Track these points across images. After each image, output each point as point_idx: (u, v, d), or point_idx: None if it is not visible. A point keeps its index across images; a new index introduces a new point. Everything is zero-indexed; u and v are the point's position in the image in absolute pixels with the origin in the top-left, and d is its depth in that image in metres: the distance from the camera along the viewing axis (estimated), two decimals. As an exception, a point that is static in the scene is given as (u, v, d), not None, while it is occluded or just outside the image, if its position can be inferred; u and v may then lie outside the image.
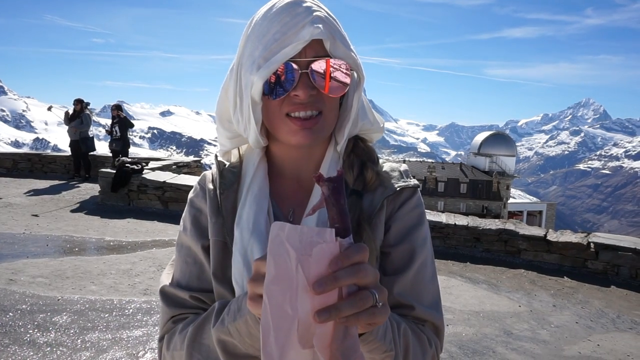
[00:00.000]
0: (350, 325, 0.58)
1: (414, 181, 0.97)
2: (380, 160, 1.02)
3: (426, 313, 0.91)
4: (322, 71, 0.84)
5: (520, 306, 5.20)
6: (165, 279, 0.98)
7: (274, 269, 0.56)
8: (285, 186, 0.98)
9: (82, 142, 11.69)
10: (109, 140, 11.80)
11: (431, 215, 7.41)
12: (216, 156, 1.02)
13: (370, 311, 0.58)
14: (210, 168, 1.07)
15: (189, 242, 0.97)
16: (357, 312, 0.57)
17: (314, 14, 0.83)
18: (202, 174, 1.04)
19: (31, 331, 3.95)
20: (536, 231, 6.97)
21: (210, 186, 0.97)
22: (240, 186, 0.95)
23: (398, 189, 0.94)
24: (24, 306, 4.43)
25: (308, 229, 0.58)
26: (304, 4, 0.84)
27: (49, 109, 12.50)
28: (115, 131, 11.60)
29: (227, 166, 0.99)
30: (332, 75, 0.85)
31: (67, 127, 11.84)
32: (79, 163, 12.20)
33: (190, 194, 1.02)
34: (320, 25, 0.83)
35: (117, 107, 12.12)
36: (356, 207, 0.89)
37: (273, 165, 0.98)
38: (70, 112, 11.81)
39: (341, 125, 0.94)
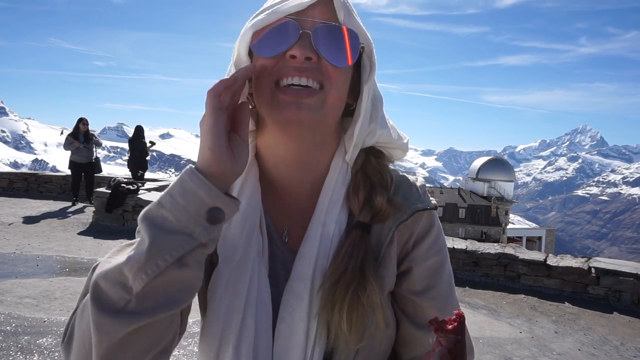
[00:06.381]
0: None
1: (432, 202, 0.83)
2: (396, 171, 0.88)
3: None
4: (328, 35, 0.73)
5: (521, 332, 5.05)
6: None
7: None
8: (278, 198, 0.85)
9: (96, 164, 11.16)
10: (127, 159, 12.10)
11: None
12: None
13: None
14: None
15: None
16: None
17: None
18: None
19: (14, 354, 3.80)
20: (536, 256, 6.86)
21: None
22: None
23: (414, 213, 0.81)
24: (8, 327, 4.28)
25: None
26: None
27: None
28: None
29: None
30: (339, 43, 0.73)
31: (66, 149, 10.86)
32: (79, 186, 11.23)
33: None
34: None
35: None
36: (360, 249, 0.77)
37: (264, 170, 0.85)
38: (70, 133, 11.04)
39: (353, 129, 0.82)
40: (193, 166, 0.66)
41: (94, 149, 11.09)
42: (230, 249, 0.78)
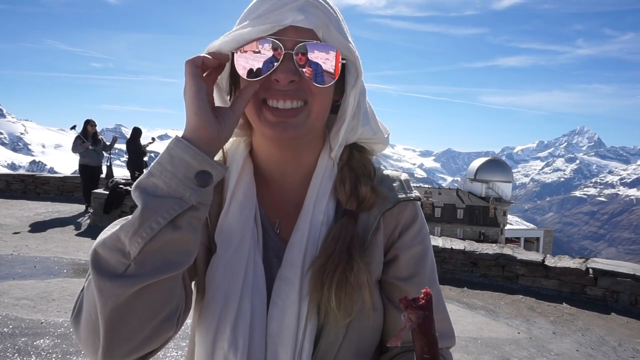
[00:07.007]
0: None
1: (415, 193, 0.89)
2: (380, 168, 0.93)
3: (446, 342, 0.89)
4: (308, 55, 0.75)
5: (519, 333, 5.06)
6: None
7: None
8: (271, 192, 0.90)
9: (108, 168, 11.11)
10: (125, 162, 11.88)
11: (427, 239, 7.30)
12: None
13: None
14: None
15: None
16: None
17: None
18: None
19: (11, 355, 3.78)
20: (534, 256, 6.87)
21: None
22: (224, 188, 0.87)
23: (398, 202, 0.86)
24: (5, 329, 4.26)
25: None
26: None
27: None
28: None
29: None
30: (319, 60, 0.76)
31: (75, 151, 10.24)
32: (91, 191, 10.04)
33: None
34: (306, 12, 0.75)
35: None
36: (347, 233, 0.81)
37: (258, 167, 0.90)
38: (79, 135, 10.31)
39: (337, 129, 0.86)
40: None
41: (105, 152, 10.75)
42: (227, 238, 0.82)
